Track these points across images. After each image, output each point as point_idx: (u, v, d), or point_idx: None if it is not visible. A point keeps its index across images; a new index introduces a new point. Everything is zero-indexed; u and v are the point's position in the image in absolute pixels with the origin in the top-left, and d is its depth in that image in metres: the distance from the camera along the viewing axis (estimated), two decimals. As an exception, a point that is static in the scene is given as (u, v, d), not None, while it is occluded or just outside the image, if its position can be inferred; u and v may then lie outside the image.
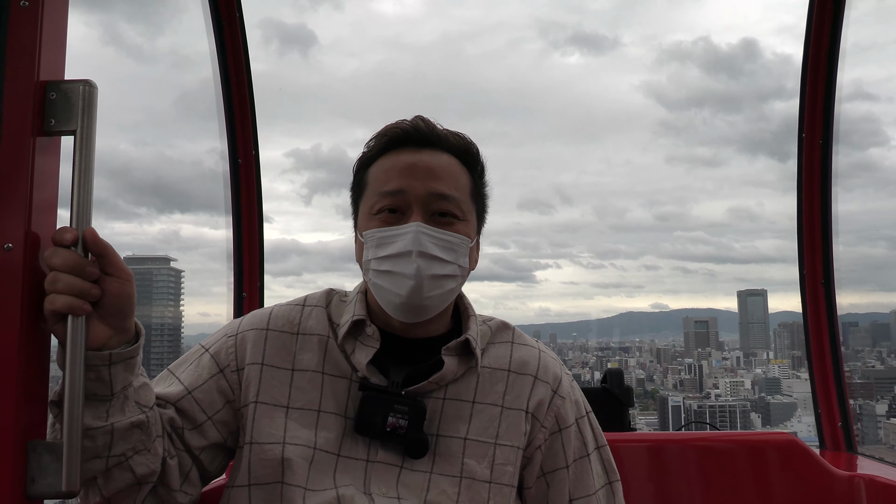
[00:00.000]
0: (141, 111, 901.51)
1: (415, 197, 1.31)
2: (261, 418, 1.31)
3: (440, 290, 1.30)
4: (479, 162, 1.43)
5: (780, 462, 2.18)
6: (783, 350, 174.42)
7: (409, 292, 1.27)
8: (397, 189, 1.32)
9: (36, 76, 1.01)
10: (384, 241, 1.30)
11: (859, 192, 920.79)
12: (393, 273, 1.28)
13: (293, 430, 1.29)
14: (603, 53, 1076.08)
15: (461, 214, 1.34)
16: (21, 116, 1.00)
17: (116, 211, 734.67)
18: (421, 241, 1.27)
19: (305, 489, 1.25)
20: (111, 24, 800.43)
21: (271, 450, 1.28)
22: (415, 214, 1.30)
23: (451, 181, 1.34)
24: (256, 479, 1.28)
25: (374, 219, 1.33)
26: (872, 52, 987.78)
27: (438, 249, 1.28)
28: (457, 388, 1.35)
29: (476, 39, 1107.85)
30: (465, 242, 1.33)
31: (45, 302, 1.01)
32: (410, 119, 1.39)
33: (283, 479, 1.26)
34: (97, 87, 1.04)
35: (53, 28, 1.04)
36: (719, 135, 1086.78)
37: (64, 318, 1.02)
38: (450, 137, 1.39)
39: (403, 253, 1.27)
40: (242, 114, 2.82)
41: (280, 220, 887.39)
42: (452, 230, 1.32)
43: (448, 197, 1.32)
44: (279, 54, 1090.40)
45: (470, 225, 1.37)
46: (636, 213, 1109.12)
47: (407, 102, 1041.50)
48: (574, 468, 1.39)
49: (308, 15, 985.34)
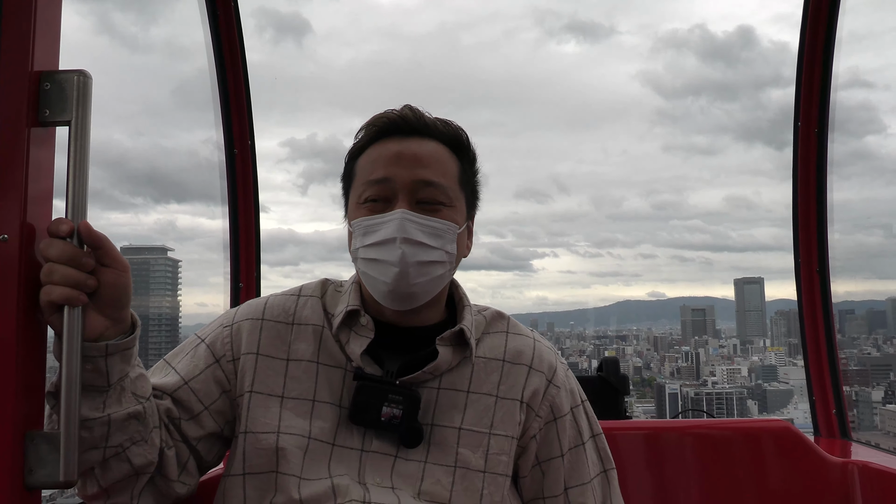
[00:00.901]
0: (136, 101, 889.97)
1: (400, 185, 1.31)
2: (255, 408, 1.31)
3: (427, 277, 1.31)
4: (469, 149, 1.43)
5: (774, 449, 2.20)
6: (780, 338, 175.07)
7: (395, 279, 1.28)
8: (383, 177, 1.32)
9: (30, 66, 1.01)
10: (370, 229, 1.31)
11: (856, 180, 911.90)
12: (379, 261, 1.29)
13: (288, 419, 1.30)
14: (599, 42, 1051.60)
15: (448, 201, 1.35)
16: (15, 107, 1.00)
17: (112, 201, 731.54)
18: (405, 228, 1.27)
19: (300, 478, 1.26)
20: (104, 14, 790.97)
21: (266, 439, 1.28)
22: (400, 202, 1.30)
23: (438, 168, 1.35)
24: (251, 468, 1.28)
25: (362, 208, 1.34)
26: (869, 41, 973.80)
27: (424, 235, 1.29)
28: (451, 377, 1.36)
29: (472, 29, 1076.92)
30: (452, 228, 1.33)
31: (42, 293, 1.01)
32: (399, 108, 1.39)
33: (278, 468, 1.26)
34: (91, 77, 1.04)
35: (47, 18, 1.04)
36: (716, 123, 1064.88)
37: (60, 309, 1.02)
38: (438, 125, 1.39)
39: (388, 240, 1.28)
40: (238, 104, 2.81)
41: (277, 210, 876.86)
42: (439, 217, 1.32)
43: (434, 184, 1.33)
44: (273, 43, 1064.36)
45: (458, 211, 1.37)
46: (633, 202, 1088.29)
47: (403, 92, 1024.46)
48: (569, 457, 1.40)
49: (303, 4, 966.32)
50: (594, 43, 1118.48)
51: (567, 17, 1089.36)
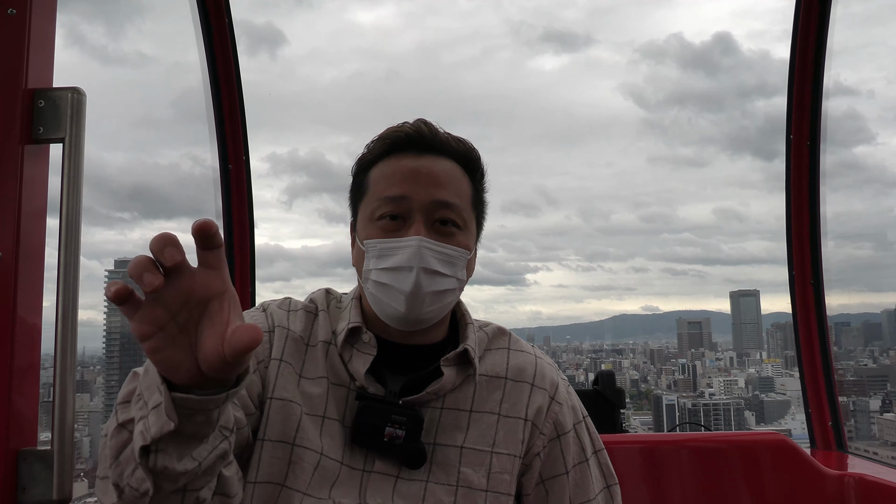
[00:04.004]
0: (118, 117, 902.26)
1: (417, 204, 1.29)
2: (275, 415, 1.28)
3: (439, 304, 1.30)
4: (480, 168, 1.42)
5: (771, 462, 2.20)
6: (776, 350, 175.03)
7: (408, 307, 1.26)
8: (400, 195, 1.30)
9: (24, 84, 1.01)
10: (385, 253, 1.28)
11: (845, 191, 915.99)
12: (392, 287, 1.27)
13: (303, 431, 1.28)
14: (578, 59, 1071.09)
15: (462, 223, 1.33)
16: (9, 124, 1.00)
17: (99, 217, 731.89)
18: (423, 256, 1.25)
19: (304, 494, 1.24)
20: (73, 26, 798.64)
21: (282, 448, 1.26)
22: (416, 223, 1.28)
23: (454, 188, 1.33)
24: (261, 478, 1.25)
25: (375, 225, 1.32)
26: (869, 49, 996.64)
27: (439, 264, 1.27)
28: (454, 397, 1.35)
29: (452, 48, 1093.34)
30: (465, 255, 1.32)
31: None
32: (413, 122, 1.36)
33: (286, 481, 1.25)
34: (85, 94, 1.05)
35: (41, 36, 1.04)
36: (702, 134, 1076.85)
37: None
38: (451, 142, 1.37)
39: (404, 267, 1.26)
40: (232, 120, 2.82)
41: (267, 226, 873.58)
42: (453, 241, 1.30)
43: (450, 205, 1.31)
44: (250, 58, 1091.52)
45: (469, 234, 1.36)
46: (622, 215, 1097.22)
47: (385, 109, 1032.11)
48: (574, 474, 1.38)
49: (284, 23, 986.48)
50: (574, 60, 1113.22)
51: (543, 28, 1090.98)
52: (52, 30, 1.08)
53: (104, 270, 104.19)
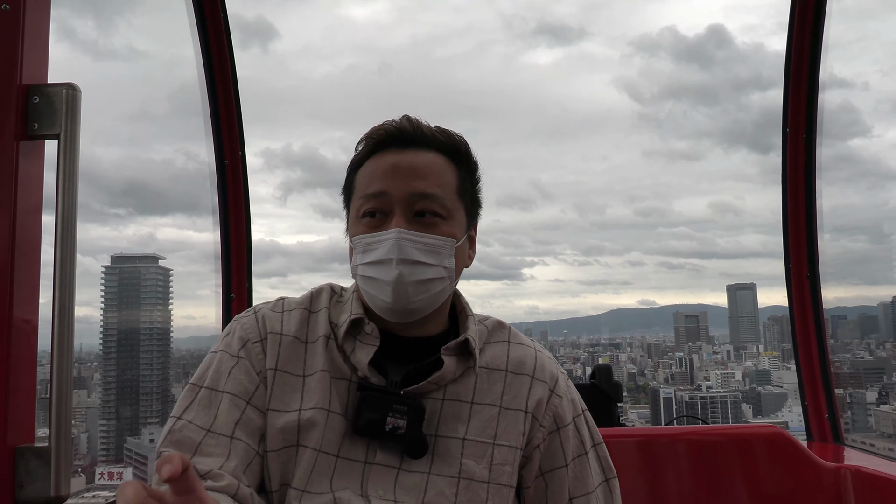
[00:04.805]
0: (111, 112, 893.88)
1: (396, 197, 1.30)
2: (273, 425, 1.29)
3: (426, 294, 1.30)
4: (469, 158, 1.42)
5: (767, 454, 2.21)
6: (773, 343, 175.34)
7: (394, 298, 1.28)
8: (379, 191, 1.32)
9: (18, 80, 1.01)
10: (368, 247, 1.30)
11: (841, 185, 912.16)
12: (376, 280, 1.29)
13: (303, 431, 1.28)
14: (572, 53, 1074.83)
15: (445, 213, 1.33)
16: (4, 120, 1.00)
17: (92, 212, 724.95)
18: (401, 247, 1.27)
19: (303, 492, 1.24)
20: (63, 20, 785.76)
21: (285, 454, 1.26)
22: (396, 216, 1.29)
23: (434, 179, 1.33)
24: (274, 486, 1.26)
25: (361, 223, 1.34)
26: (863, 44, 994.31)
27: (420, 254, 1.28)
28: (455, 388, 1.35)
29: (446, 43, 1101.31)
30: (450, 243, 1.32)
31: None
32: (397, 119, 1.38)
33: (292, 482, 1.25)
34: (81, 90, 1.04)
35: (35, 31, 1.04)
36: (696, 128, 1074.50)
37: None
38: (436, 135, 1.38)
39: (385, 260, 1.27)
40: (228, 115, 2.82)
41: (262, 222, 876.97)
42: (436, 231, 1.31)
43: (430, 196, 1.31)
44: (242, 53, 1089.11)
45: (456, 223, 1.36)
46: (617, 209, 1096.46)
47: (380, 104, 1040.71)
48: (573, 467, 1.39)
49: (276, 17, 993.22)
50: (568, 55, 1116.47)
51: (535, 21, 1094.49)
52: (47, 25, 1.07)
53: (100, 267, 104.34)
